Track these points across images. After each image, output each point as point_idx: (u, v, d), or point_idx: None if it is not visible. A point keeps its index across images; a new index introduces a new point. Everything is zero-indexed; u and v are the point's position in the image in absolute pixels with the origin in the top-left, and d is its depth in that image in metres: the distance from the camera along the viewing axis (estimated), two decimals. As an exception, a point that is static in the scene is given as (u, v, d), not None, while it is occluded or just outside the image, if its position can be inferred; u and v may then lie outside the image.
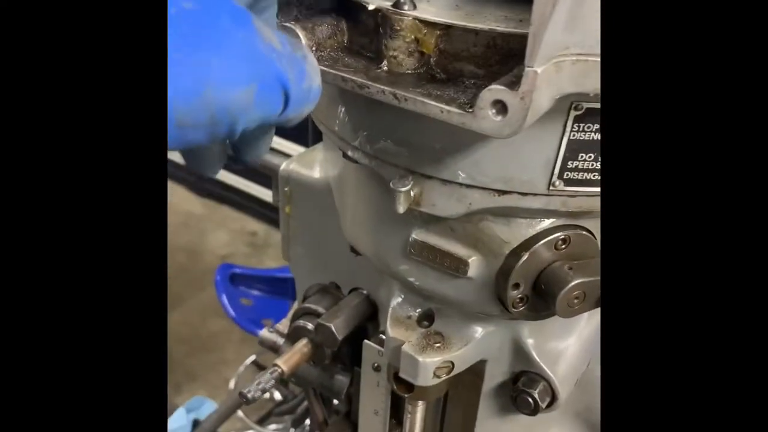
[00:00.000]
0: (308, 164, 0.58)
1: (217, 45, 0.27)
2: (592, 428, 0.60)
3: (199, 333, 2.49)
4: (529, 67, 0.29)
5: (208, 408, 1.34)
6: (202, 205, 3.06)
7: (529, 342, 0.50)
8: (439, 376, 0.49)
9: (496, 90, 0.30)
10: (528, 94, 0.29)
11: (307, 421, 1.17)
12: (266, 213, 2.79)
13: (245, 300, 2.05)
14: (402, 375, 0.49)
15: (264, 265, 2.61)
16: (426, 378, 0.48)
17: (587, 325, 0.54)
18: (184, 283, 2.67)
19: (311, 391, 0.65)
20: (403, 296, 0.52)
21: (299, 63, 0.30)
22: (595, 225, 0.42)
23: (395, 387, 0.52)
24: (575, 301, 0.40)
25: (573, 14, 0.28)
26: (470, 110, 0.31)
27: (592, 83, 0.31)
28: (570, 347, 0.52)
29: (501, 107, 0.30)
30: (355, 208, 0.49)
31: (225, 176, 2.93)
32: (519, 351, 0.51)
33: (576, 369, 0.53)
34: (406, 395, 0.52)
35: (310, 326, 0.58)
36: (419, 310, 0.51)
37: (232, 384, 1.89)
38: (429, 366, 0.48)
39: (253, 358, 1.94)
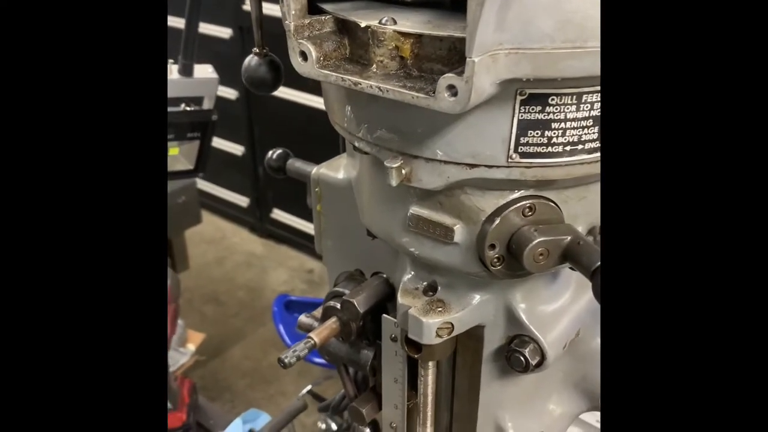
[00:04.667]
0: (334, 168, 0.70)
1: None
2: (590, 397, 0.67)
3: (259, 366, 2.61)
4: (468, 57, 0.39)
5: (263, 420, 1.44)
6: (263, 245, 3.22)
7: (521, 307, 0.59)
8: (441, 336, 0.58)
9: (448, 77, 0.40)
10: (470, 78, 0.39)
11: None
12: (323, 251, 2.92)
13: (301, 329, 2.15)
14: (410, 336, 0.59)
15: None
16: (429, 337, 0.57)
17: (574, 302, 0.62)
18: (245, 319, 2.81)
19: (342, 367, 0.74)
20: (413, 273, 0.61)
21: None
22: (556, 195, 0.51)
23: (406, 349, 0.61)
24: (540, 257, 0.49)
25: (500, 18, 0.39)
26: (432, 95, 0.41)
27: (523, 70, 0.41)
28: (557, 314, 0.60)
29: (453, 90, 0.40)
30: (368, 195, 0.59)
31: (284, 217, 3.09)
32: (511, 316, 0.59)
33: (563, 334, 0.60)
34: (416, 356, 0.61)
35: (337, 306, 0.68)
36: (425, 283, 0.61)
37: (288, 414, 1.98)
38: (431, 326, 0.57)
39: (308, 388, 2.04)
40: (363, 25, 0.45)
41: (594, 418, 1.06)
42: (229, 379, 2.54)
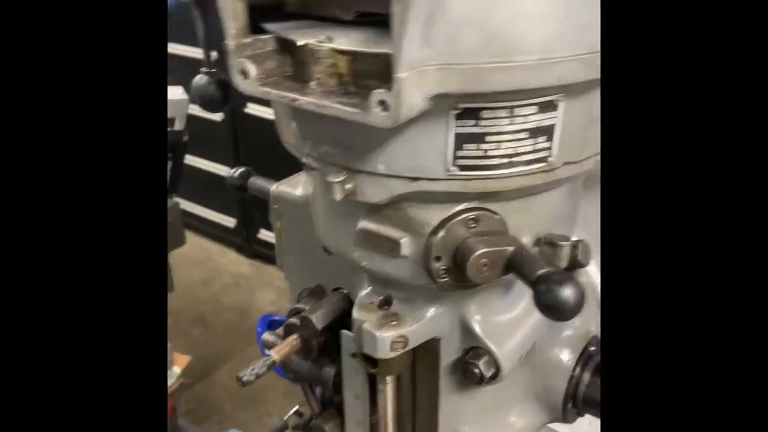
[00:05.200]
0: (293, 185, 0.70)
1: None
2: (551, 408, 0.67)
3: (246, 387, 2.59)
4: (396, 74, 0.40)
5: (244, 441, 1.44)
6: (250, 265, 3.22)
7: (475, 319, 0.59)
8: (395, 350, 0.58)
9: (378, 93, 0.41)
10: (398, 94, 0.40)
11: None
12: (310, 270, 2.92)
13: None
14: (365, 350, 0.59)
15: (307, 318, 2.72)
16: (384, 351, 0.58)
17: (529, 314, 0.63)
18: (233, 340, 2.80)
19: (306, 386, 0.74)
20: (370, 287, 0.62)
21: None
22: (500, 207, 0.51)
23: (363, 363, 0.61)
24: (484, 268, 0.50)
25: (425, 35, 0.40)
26: (366, 110, 0.42)
27: (452, 85, 0.42)
28: (512, 325, 0.61)
29: (384, 105, 0.41)
30: (321, 210, 0.60)
31: (272, 237, 3.09)
32: (466, 328, 0.60)
33: (519, 345, 0.61)
34: (373, 371, 0.61)
35: (298, 323, 0.68)
36: (380, 297, 0.61)
37: (275, 435, 1.96)
38: (385, 340, 0.57)
39: (295, 408, 2.02)
40: (299, 43, 0.46)
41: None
42: (216, 400, 2.52)
